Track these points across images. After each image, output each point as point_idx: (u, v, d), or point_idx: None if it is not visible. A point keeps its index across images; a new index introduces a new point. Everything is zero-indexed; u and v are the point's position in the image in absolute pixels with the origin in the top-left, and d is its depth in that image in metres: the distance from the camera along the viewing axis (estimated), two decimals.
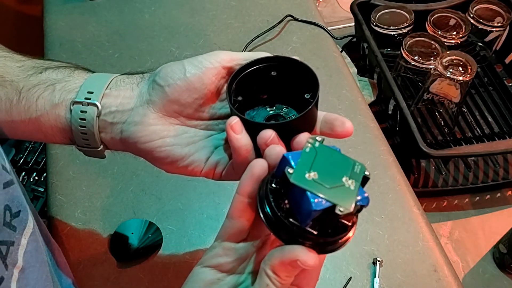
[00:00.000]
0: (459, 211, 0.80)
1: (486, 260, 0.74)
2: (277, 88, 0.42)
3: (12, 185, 0.35)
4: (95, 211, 0.64)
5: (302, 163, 0.33)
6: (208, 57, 0.41)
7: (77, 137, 0.43)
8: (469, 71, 0.78)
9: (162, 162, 0.43)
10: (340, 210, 0.31)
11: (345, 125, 0.41)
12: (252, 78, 0.41)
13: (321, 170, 0.33)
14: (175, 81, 0.40)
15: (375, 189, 0.67)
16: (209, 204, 0.65)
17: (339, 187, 0.32)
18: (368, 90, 0.88)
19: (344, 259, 0.60)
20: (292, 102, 0.43)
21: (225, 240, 0.38)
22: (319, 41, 0.85)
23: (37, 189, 0.95)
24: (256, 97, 0.43)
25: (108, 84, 0.43)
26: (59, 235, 0.61)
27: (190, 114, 0.42)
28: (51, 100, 0.43)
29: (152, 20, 0.88)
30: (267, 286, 0.34)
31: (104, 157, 0.46)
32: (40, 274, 0.37)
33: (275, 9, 0.90)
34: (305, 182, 0.32)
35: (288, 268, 0.33)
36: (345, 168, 0.34)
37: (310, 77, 0.41)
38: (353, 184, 0.33)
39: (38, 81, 0.43)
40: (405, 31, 0.89)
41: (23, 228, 0.36)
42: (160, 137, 0.42)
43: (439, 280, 0.59)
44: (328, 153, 0.34)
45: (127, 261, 0.59)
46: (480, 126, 0.85)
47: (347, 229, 0.34)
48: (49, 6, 0.90)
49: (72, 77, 0.44)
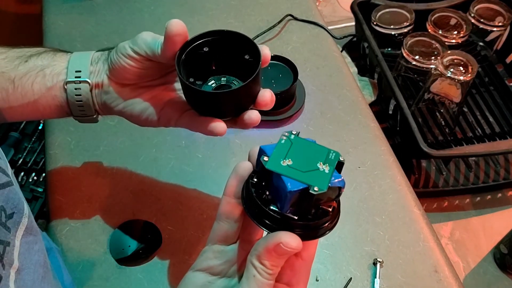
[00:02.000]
0: (460, 212, 0.80)
1: (487, 260, 0.74)
2: (222, 59, 0.47)
3: (8, 187, 0.36)
4: (94, 212, 0.63)
5: (277, 152, 0.34)
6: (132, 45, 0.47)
7: (74, 110, 0.51)
8: (470, 71, 0.78)
9: (130, 119, 0.52)
10: (314, 190, 0.32)
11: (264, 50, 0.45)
12: (197, 53, 0.46)
13: (296, 157, 0.34)
14: (114, 66, 0.48)
15: (376, 189, 0.66)
16: (209, 204, 0.65)
17: (314, 171, 0.34)
18: (369, 90, 0.88)
19: (344, 260, 0.60)
20: (238, 70, 0.48)
21: (215, 243, 0.39)
22: (319, 41, 0.85)
23: (36, 190, 0.94)
24: (204, 70, 0.48)
25: (90, 62, 0.50)
26: (58, 236, 0.61)
27: (142, 84, 0.50)
28: (45, 84, 0.49)
29: (151, 19, 0.88)
30: (254, 276, 0.34)
31: (97, 121, 0.54)
32: (37, 275, 0.37)
33: (275, 8, 0.90)
34: (280, 168, 0.33)
35: (272, 254, 0.33)
36: (320, 155, 0.35)
37: (251, 46, 0.45)
38: (328, 168, 0.34)
39: (27, 69, 0.50)
40: (406, 31, 0.89)
41: (16, 229, 0.36)
42: (122, 101, 0.50)
43: (439, 281, 0.59)
44: (303, 144, 0.36)
45: (127, 261, 0.59)
46: (481, 126, 0.85)
47: (328, 214, 0.34)
48: (48, 5, 0.90)
49: (56, 61, 0.51)
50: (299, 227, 0.34)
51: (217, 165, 0.68)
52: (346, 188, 0.38)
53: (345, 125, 0.73)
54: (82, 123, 0.54)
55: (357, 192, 0.66)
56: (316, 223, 0.34)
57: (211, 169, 0.68)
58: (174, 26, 0.43)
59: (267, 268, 0.34)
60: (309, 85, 0.78)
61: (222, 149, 0.70)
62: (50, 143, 0.70)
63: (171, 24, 0.43)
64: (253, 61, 0.45)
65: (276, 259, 0.34)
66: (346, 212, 0.64)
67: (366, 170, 0.68)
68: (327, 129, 0.73)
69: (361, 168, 0.68)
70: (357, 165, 0.69)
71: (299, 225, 0.34)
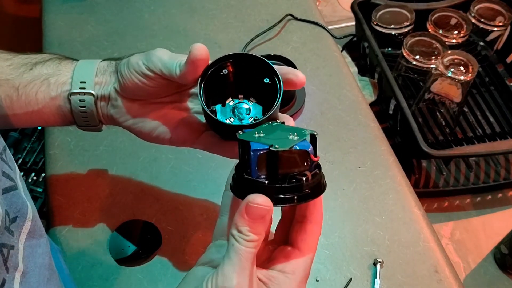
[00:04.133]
0: (460, 212, 0.80)
1: (487, 261, 0.74)
2: (241, 81, 0.47)
3: (12, 191, 0.36)
4: (94, 212, 0.63)
5: (254, 130, 0.37)
6: (146, 62, 0.45)
7: (79, 120, 0.51)
8: (470, 71, 0.78)
9: (140, 136, 0.51)
10: (275, 147, 0.33)
11: (298, 75, 0.45)
12: (215, 76, 0.45)
13: (270, 132, 0.37)
14: (125, 82, 0.47)
15: (376, 189, 0.66)
16: (209, 204, 0.65)
17: (282, 139, 0.35)
18: (369, 90, 0.88)
19: (344, 260, 0.60)
20: (257, 92, 0.47)
21: (218, 239, 0.40)
22: (319, 41, 0.85)
23: (35, 190, 0.94)
24: (223, 91, 0.47)
25: (96, 72, 0.49)
26: (58, 236, 0.61)
27: (152, 101, 0.49)
28: (49, 93, 0.49)
29: (151, 19, 0.88)
30: (233, 245, 0.34)
31: (101, 130, 0.54)
32: (42, 278, 0.37)
33: (275, 8, 0.90)
34: (251, 137, 0.35)
35: (245, 218, 0.34)
36: (294, 131, 0.37)
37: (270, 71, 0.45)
38: (296, 137, 0.36)
39: (32, 77, 0.49)
40: (406, 31, 0.89)
41: (19, 233, 0.36)
42: (131, 118, 0.49)
43: (440, 281, 0.59)
44: (283, 126, 0.38)
45: (126, 262, 0.59)
46: (481, 126, 0.85)
47: (299, 181, 0.35)
48: (48, 5, 0.90)
49: (61, 70, 0.50)
50: (270, 191, 0.35)
51: (217, 165, 0.68)
52: (346, 188, 0.38)
53: (345, 125, 0.73)
54: (86, 131, 0.54)
55: (357, 192, 0.66)
56: (285, 185, 0.35)
57: (211, 169, 0.68)
58: (198, 50, 0.42)
59: (244, 235, 0.34)
60: (309, 85, 0.78)
61: None
62: (49, 143, 0.70)
63: (195, 48, 0.42)
64: (272, 84, 0.44)
65: (251, 223, 0.34)
66: (346, 212, 0.64)
67: (366, 170, 0.68)
68: (327, 129, 0.73)
69: (361, 168, 0.68)
70: (357, 165, 0.69)
71: (270, 189, 0.35)
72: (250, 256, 0.34)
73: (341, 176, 0.67)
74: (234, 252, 0.34)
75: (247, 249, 0.34)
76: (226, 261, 0.34)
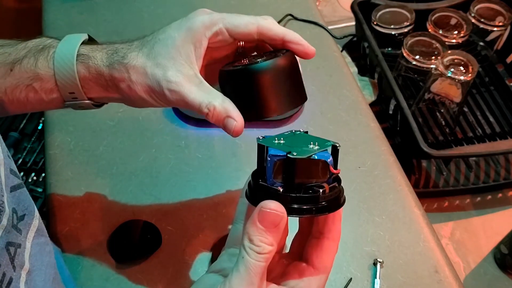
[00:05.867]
0: (460, 212, 0.79)
1: (488, 261, 0.74)
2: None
3: (19, 189, 0.36)
4: (94, 212, 0.63)
5: (275, 136, 0.35)
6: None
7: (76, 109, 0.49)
8: (470, 71, 0.78)
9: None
10: (293, 154, 0.32)
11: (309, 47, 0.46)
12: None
13: (291, 140, 0.35)
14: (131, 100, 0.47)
15: (376, 189, 0.66)
16: (209, 204, 0.65)
17: (301, 147, 0.34)
18: (369, 90, 0.88)
19: (344, 260, 0.60)
20: None
21: (231, 247, 0.39)
22: (319, 41, 0.85)
23: (35, 190, 0.94)
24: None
25: (79, 79, 0.46)
26: (58, 236, 0.61)
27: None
28: (41, 99, 0.47)
29: (151, 19, 0.88)
30: (243, 258, 0.33)
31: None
32: (48, 277, 0.37)
33: (275, 8, 0.90)
34: (270, 143, 0.34)
35: (257, 226, 0.33)
36: (316, 141, 0.35)
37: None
38: (316, 147, 0.34)
39: (16, 81, 0.46)
40: (406, 31, 0.89)
41: (27, 231, 0.36)
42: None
43: (440, 281, 0.59)
44: (305, 135, 0.36)
45: (126, 262, 0.59)
46: (481, 126, 0.85)
47: (315, 192, 0.34)
48: (48, 5, 0.90)
49: (41, 74, 0.46)
50: (284, 199, 0.33)
51: (217, 165, 0.68)
52: (346, 188, 0.38)
53: (345, 125, 0.73)
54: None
55: (357, 192, 0.66)
56: (300, 196, 0.33)
57: (211, 169, 0.68)
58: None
59: (255, 246, 0.33)
60: (309, 85, 0.78)
61: (222, 149, 0.70)
62: (49, 143, 0.70)
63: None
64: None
65: (263, 231, 0.33)
66: (346, 212, 0.64)
67: (366, 170, 0.68)
68: (327, 129, 0.73)
69: (361, 168, 0.68)
70: (357, 165, 0.69)
71: (284, 197, 0.33)
72: (259, 271, 0.33)
73: (341, 176, 0.67)
74: (243, 266, 0.33)
75: (257, 263, 0.33)
76: (235, 273, 0.33)
